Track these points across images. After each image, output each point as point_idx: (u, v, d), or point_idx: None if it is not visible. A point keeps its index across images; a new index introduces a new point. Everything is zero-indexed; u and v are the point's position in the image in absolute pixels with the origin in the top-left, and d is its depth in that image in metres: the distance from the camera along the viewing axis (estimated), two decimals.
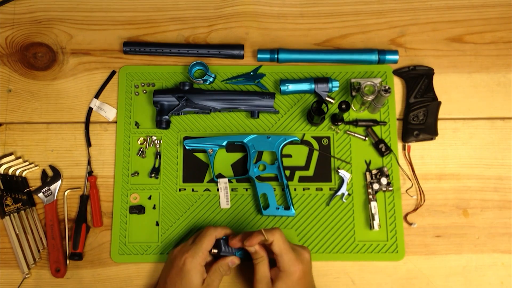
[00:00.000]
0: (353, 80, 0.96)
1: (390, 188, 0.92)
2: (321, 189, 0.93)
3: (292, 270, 0.79)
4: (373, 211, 0.90)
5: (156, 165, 0.94)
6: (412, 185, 0.93)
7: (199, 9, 1.02)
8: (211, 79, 0.97)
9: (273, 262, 0.81)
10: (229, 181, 0.93)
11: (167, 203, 0.93)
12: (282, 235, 0.80)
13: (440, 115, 0.95)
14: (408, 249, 0.91)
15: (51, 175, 0.95)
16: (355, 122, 0.95)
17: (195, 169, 0.94)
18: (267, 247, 0.81)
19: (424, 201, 0.92)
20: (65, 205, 0.93)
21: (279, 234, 0.79)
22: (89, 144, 0.96)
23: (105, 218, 0.93)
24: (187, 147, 0.93)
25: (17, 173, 0.94)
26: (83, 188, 0.94)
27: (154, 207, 0.93)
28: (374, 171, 0.93)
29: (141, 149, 0.95)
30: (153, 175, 0.93)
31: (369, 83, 0.90)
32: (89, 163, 0.95)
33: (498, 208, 0.93)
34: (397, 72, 0.98)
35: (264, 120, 0.96)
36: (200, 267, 0.81)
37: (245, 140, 0.93)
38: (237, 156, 0.95)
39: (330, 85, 0.94)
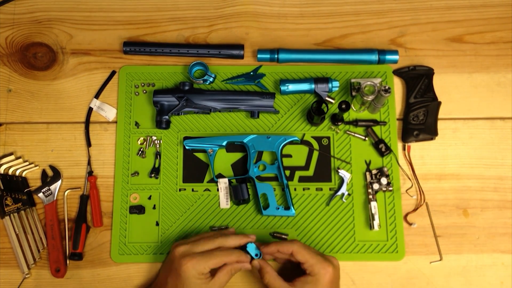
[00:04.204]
0: (353, 80, 0.96)
1: (390, 188, 0.91)
2: (321, 189, 0.93)
3: (322, 273, 0.80)
4: (373, 211, 0.90)
5: (156, 165, 0.94)
6: (412, 185, 0.93)
7: (199, 9, 1.02)
8: (211, 79, 0.97)
9: (297, 272, 0.82)
10: (229, 181, 0.93)
11: (167, 203, 0.93)
12: (301, 244, 0.82)
13: (440, 115, 0.95)
14: (408, 249, 0.91)
15: (51, 175, 0.95)
16: (355, 122, 0.95)
17: (195, 169, 0.94)
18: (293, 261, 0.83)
19: (424, 201, 0.92)
20: (65, 205, 0.93)
21: (298, 243, 0.82)
22: (89, 144, 0.96)
23: (105, 218, 0.93)
24: (187, 147, 0.93)
25: (17, 173, 0.94)
26: (83, 188, 0.94)
27: (154, 207, 0.93)
28: (374, 171, 0.93)
29: (141, 149, 0.95)
30: (153, 175, 0.93)
31: (369, 83, 0.90)
32: (89, 163, 0.95)
33: (498, 208, 0.93)
34: (397, 72, 0.98)
35: (264, 120, 0.96)
36: (200, 275, 0.79)
37: (245, 140, 0.93)
38: (237, 156, 0.95)
39: (330, 85, 0.94)
